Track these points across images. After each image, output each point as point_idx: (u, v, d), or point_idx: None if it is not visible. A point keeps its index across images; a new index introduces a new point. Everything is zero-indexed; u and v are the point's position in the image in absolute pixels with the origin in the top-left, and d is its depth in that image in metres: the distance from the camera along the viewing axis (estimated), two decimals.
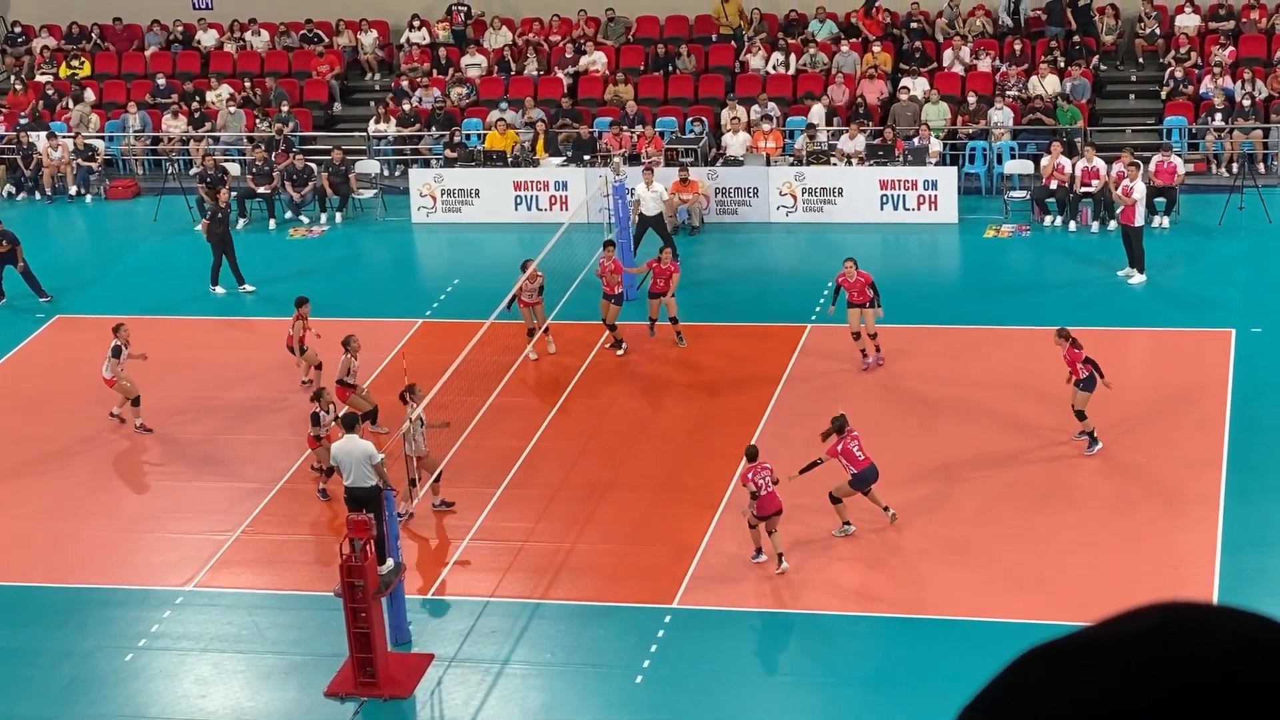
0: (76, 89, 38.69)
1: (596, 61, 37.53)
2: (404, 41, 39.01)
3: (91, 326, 27.91)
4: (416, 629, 19.95)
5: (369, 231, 33.82)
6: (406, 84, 37.29)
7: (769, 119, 34.12)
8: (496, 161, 33.50)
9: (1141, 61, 36.39)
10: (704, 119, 35.02)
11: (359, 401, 23.90)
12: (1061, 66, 35.12)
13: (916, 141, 32.71)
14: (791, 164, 32.86)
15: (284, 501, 23.21)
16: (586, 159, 33.31)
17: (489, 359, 25.32)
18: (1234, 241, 30.49)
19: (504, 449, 24.02)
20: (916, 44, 36.49)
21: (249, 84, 38.09)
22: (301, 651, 19.85)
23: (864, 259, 26.24)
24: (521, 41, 38.52)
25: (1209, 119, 33.67)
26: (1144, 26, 36.40)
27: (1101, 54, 36.46)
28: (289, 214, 34.22)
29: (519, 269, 26.58)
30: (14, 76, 39.83)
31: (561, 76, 37.35)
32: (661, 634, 19.66)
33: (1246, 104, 33.60)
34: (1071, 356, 22.70)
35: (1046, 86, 34.44)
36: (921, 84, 35.23)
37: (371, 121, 36.50)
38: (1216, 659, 1.81)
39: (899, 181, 31.96)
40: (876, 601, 20.26)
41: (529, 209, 33.10)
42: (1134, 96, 35.98)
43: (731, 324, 28.00)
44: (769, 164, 32.94)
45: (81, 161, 36.18)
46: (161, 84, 38.56)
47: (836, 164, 32.69)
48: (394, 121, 36.11)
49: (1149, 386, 24.94)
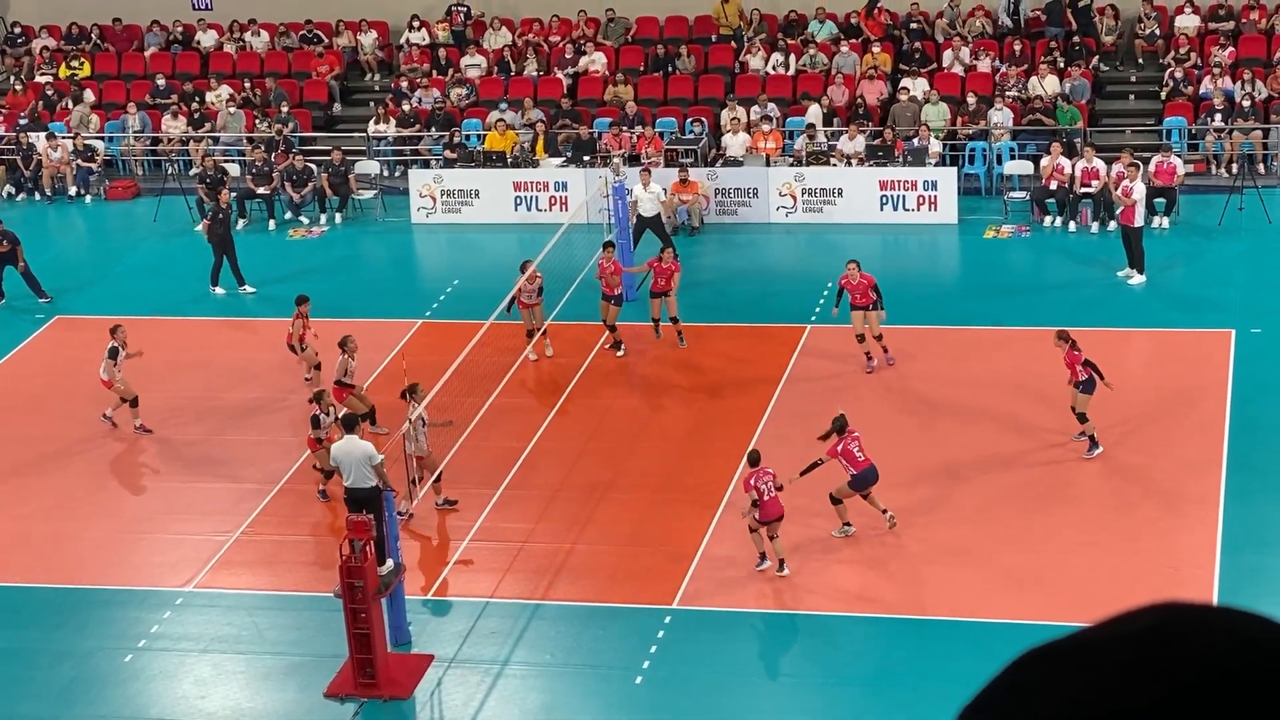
0: (76, 89, 38.68)
1: (596, 62, 37.52)
2: (404, 42, 39.00)
3: (91, 327, 27.89)
4: (416, 630, 19.95)
5: (369, 232, 33.82)
6: (406, 85, 37.28)
7: (769, 119, 34.12)
8: (496, 162, 33.49)
9: (1141, 62, 36.38)
10: (704, 119, 35.01)
11: (355, 402, 23.90)
12: (1061, 67, 35.11)
13: (916, 142, 32.71)
14: (791, 164, 32.86)
15: (284, 502, 23.21)
16: (586, 160, 33.30)
17: (489, 360, 25.32)
18: (1234, 242, 30.48)
19: (504, 449, 24.02)
20: (916, 45, 36.48)
21: (249, 84, 38.08)
22: (301, 652, 19.85)
23: (864, 260, 26.22)
24: (521, 42, 38.51)
25: (1209, 119, 33.66)
26: (1144, 27, 36.39)
27: (1101, 54, 36.45)
28: (289, 215, 34.22)
29: (518, 270, 26.59)
30: (14, 77, 39.83)
31: (561, 77, 37.34)
32: (661, 635, 19.66)
33: (1246, 104, 33.59)
34: (1071, 358, 22.69)
35: (1046, 87, 34.43)
36: (921, 84, 35.22)
37: (371, 122, 36.49)
38: (1216, 659, 1.81)
39: (899, 182, 31.96)
40: (877, 602, 20.25)
41: (529, 210, 33.10)
42: (1134, 97, 35.98)
43: (731, 324, 28.00)
44: (769, 165, 32.93)
45: (81, 162, 36.17)
46: (161, 85, 38.55)
47: (836, 165, 32.68)
48: (394, 122, 36.10)
49: (1149, 387, 24.94)
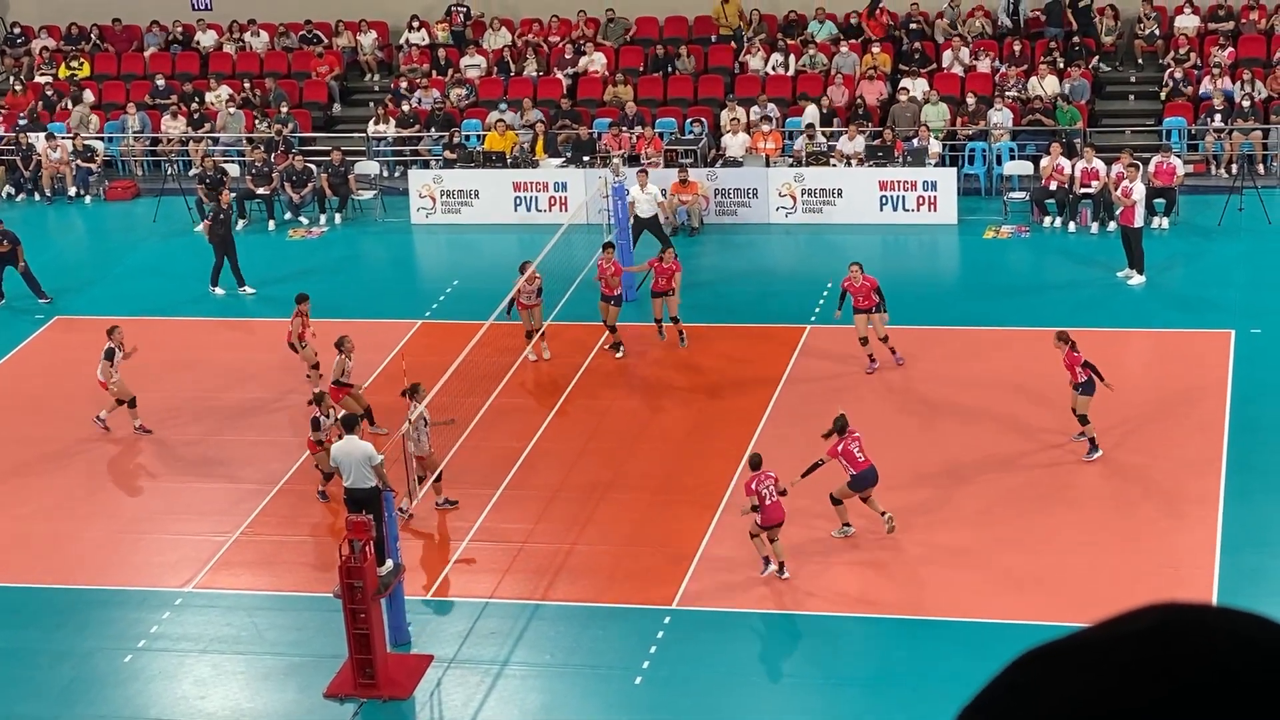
0: (75, 90, 38.67)
1: (596, 62, 37.52)
2: (403, 42, 39.00)
3: (91, 327, 27.86)
4: (416, 630, 19.95)
5: (368, 232, 33.81)
6: (406, 85, 37.28)
7: (768, 120, 34.12)
8: (496, 162, 33.49)
9: (1141, 62, 36.38)
10: (703, 120, 35.00)
11: (350, 402, 23.85)
12: (1061, 67, 35.11)
13: (916, 142, 32.70)
14: (791, 165, 32.86)
15: (283, 503, 23.20)
16: (586, 160, 33.30)
17: (488, 360, 25.31)
18: (1233, 242, 30.48)
19: (503, 450, 24.01)
20: (916, 45, 36.48)
21: (248, 85, 38.08)
22: (301, 653, 19.85)
23: (863, 260, 26.22)
24: (521, 42, 38.51)
25: (1208, 120, 33.66)
26: (1143, 27, 36.39)
27: (1101, 55, 36.45)
28: (288, 215, 34.22)
29: (517, 271, 26.57)
30: (13, 77, 39.82)
31: (561, 77, 37.33)
32: (661, 635, 19.66)
33: (1246, 105, 33.59)
34: (1070, 360, 22.66)
35: (1046, 87, 34.43)
36: (921, 85, 35.22)
37: (371, 122, 36.49)
38: (1216, 659, 1.81)
39: (898, 182, 31.96)
40: (876, 603, 20.25)
41: (528, 210, 33.10)
42: (1133, 97, 35.99)
43: (731, 325, 27.99)
44: (768, 165, 32.93)
45: (81, 162, 36.17)
46: (161, 85, 38.55)
47: (836, 165, 32.68)
48: (393, 122, 36.10)
49: (1148, 387, 24.94)
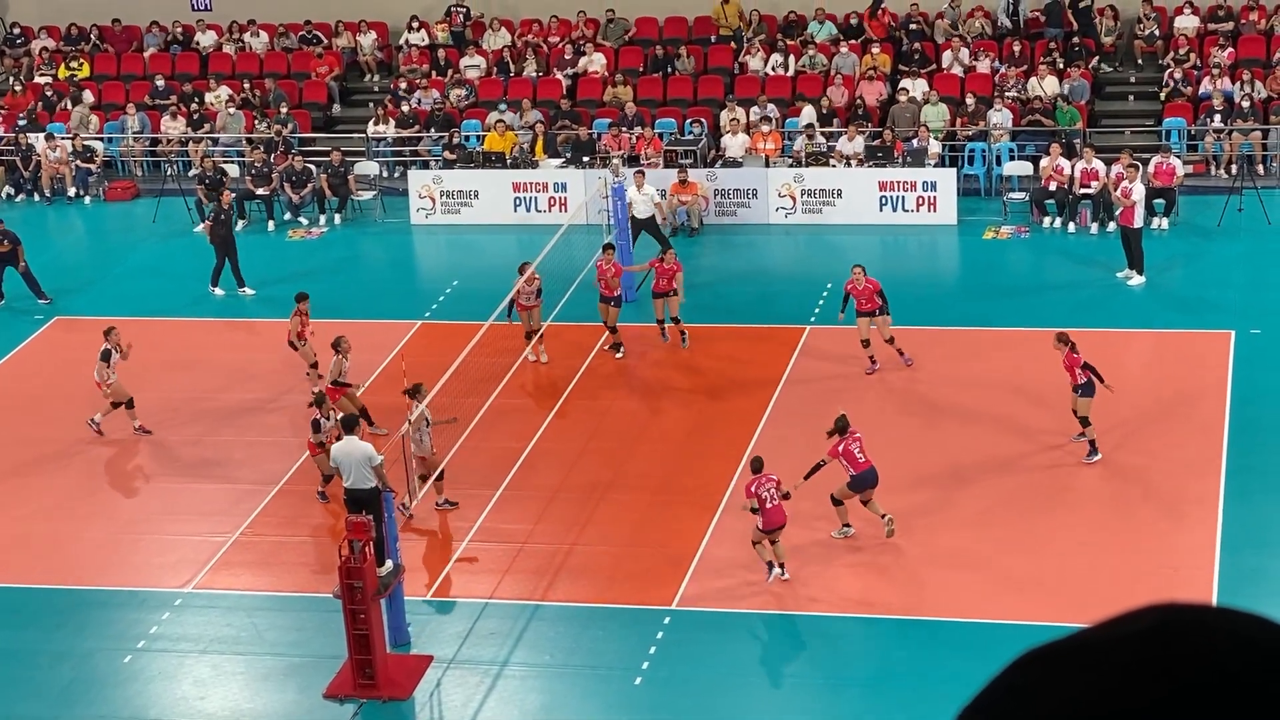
0: (75, 90, 38.66)
1: (595, 63, 37.51)
2: (403, 43, 38.99)
3: (91, 328, 27.84)
4: (415, 630, 19.95)
5: (368, 233, 33.81)
6: (405, 85, 37.28)
7: (768, 120, 34.11)
8: (495, 163, 33.49)
9: (1140, 63, 36.38)
10: (703, 120, 35.00)
11: (345, 403, 23.82)
12: (1060, 68, 35.11)
13: (915, 143, 32.70)
14: (790, 165, 32.86)
15: (283, 503, 23.20)
16: (585, 160, 33.30)
17: (488, 361, 25.30)
18: (1233, 243, 30.48)
19: (503, 450, 24.01)
20: (915, 45, 36.47)
21: (248, 85, 38.08)
22: (300, 653, 19.85)
23: (863, 261, 26.23)
24: (520, 43, 38.50)
25: (1208, 120, 33.66)
26: (1143, 28, 36.39)
27: (1101, 55, 36.45)
28: (288, 215, 34.22)
29: (516, 272, 26.56)
30: (13, 78, 39.82)
31: (560, 78, 37.33)
32: (660, 635, 19.66)
33: (1245, 105, 33.59)
34: (1070, 361, 22.63)
35: (1045, 88, 34.43)
36: (920, 85, 35.21)
37: (370, 123, 36.48)
38: (1216, 660, 1.81)
39: (898, 183, 31.96)
40: (876, 604, 20.24)
41: (528, 210, 33.10)
42: (1133, 98, 35.99)
43: (730, 325, 27.98)
44: (768, 165, 32.93)
45: (80, 163, 36.17)
46: (160, 85, 38.55)
47: (835, 165, 32.68)
48: (393, 123, 36.10)
49: (1148, 388, 24.93)
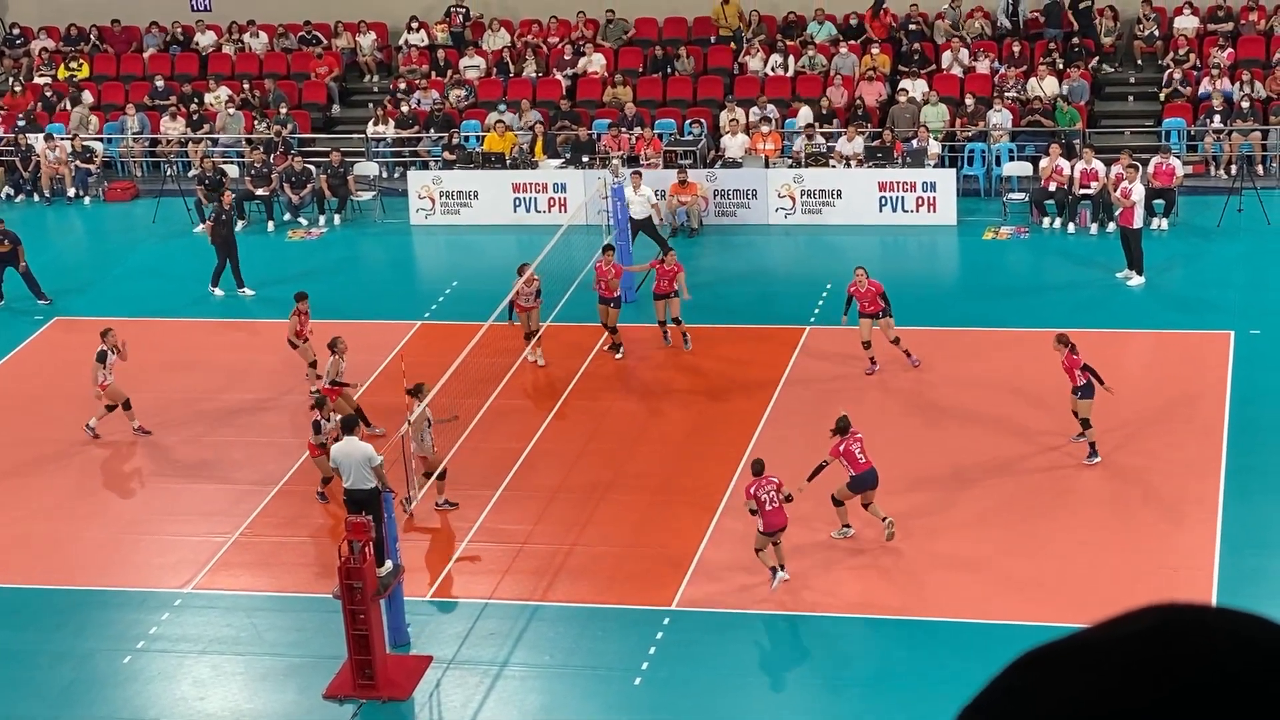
0: (74, 91, 38.66)
1: (595, 63, 37.51)
2: (402, 43, 38.99)
3: (90, 329, 27.79)
4: (415, 631, 19.95)
5: (367, 234, 33.81)
6: (405, 86, 37.28)
7: (767, 121, 34.11)
8: (495, 163, 33.49)
9: (1140, 63, 36.38)
10: (703, 121, 35.00)
11: (341, 403, 23.79)
12: (1060, 68, 35.11)
13: (915, 143, 32.69)
14: (790, 166, 32.86)
15: (283, 503, 23.20)
16: (585, 161, 33.30)
17: (488, 361, 25.29)
18: (1233, 243, 30.48)
19: (503, 451, 24.01)
20: (915, 46, 36.47)
21: (247, 86, 38.07)
22: (300, 654, 19.85)
23: (863, 261, 26.22)
24: (520, 43, 38.50)
25: (1208, 121, 33.67)
26: (1143, 28, 36.39)
27: (1100, 56, 36.45)
28: (287, 216, 34.22)
29: (516, 273, 26.53)
30: (12, 78, 39.81)
31: (560, 78, 37.33)
32: (660, 636, 19.66)
33: (1245, 105, 33.60)
34: (1070, 363, 22.62)
35: (1045, 88, 34.43)
36: (920, 86, 35.21)
37: (370, 123, 36.48)
38: (1216, 660, 1.81)
39: (898, 184, 31.96)
40: (876, 604, 20.24)
41: (528, 211, 33.09)
42: (1133, 98, 35.99)
43: (730, 326, 27.97)
44: (768, 166, 32.92)
45: (80, 163, 36.16)
46: (160, 86, 38.54)
47: (835, 166, 32.68)
48: (392, 123, 36.10)
49: (1148, 388, 24.93)
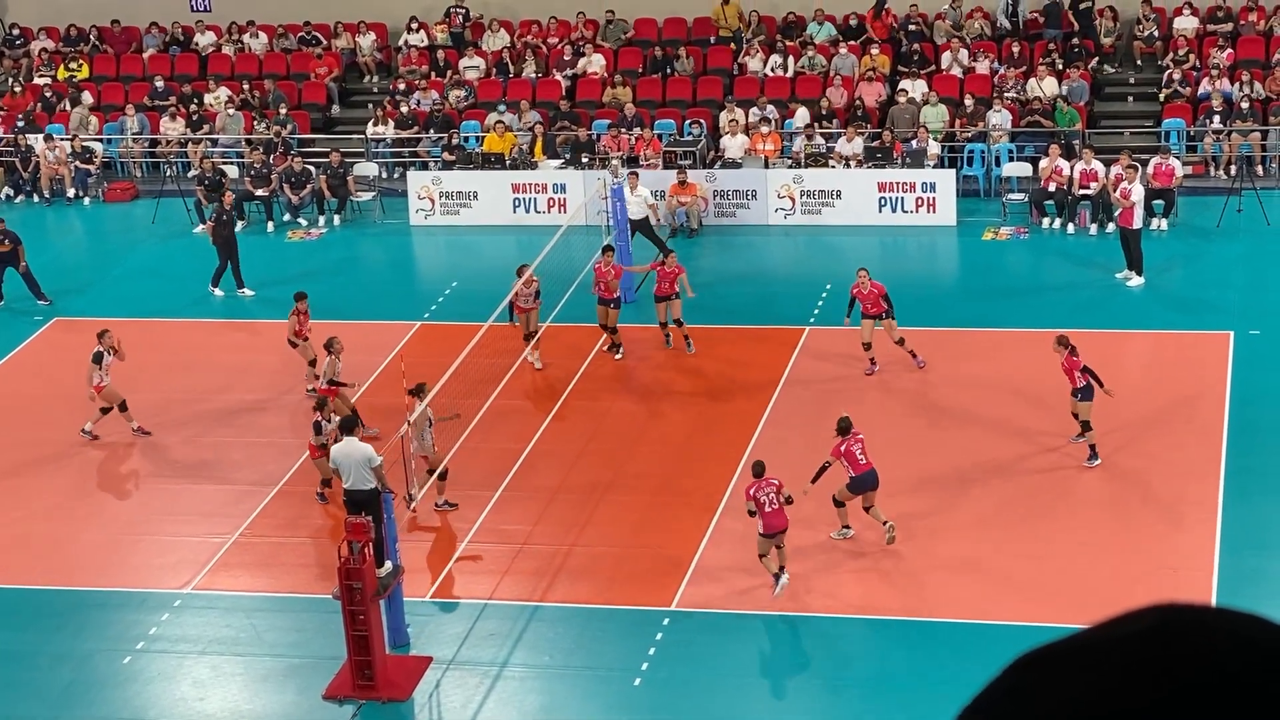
0: (74, 91, 38.66)
1: (595, 64, 37.52)
2: (402, 44, 38.99)
3: (90, 329, 27.74)
4: (415, 631, 19.94)
5: (367, 234, 33.81)
6: (404, 86, 37.29)
7: (767, 121, 34.11)
8: (494, 164, 33.49)
9: (1140, 64, 36.39)
10: (702, 121, 35.01)
11: (338, 403, 23.77)
12: (1060, 69, 35.12)
13: (915, 144, 32.70)
14: (790, 166, 32.86)
15: (282, 504, 23.20)
16: (585, 161, 33.29)
17: (488, 362, 25.29)
18: (1232, 244, 30.48)
19: (502, 451, 24.01)
20: (915, 46, 36.47)
21: (247, 86, 38.08)
22: (300, 654, 19.85)
23: (862, 262, 26.22)
24: (520, 44, 38.51)
25: (1207, 121, 33.67)
26: (1142, 28, 36.40)
27: (1100, 56, 36.45)
28: (287, 216, 34.22)
29: (515, 275, 26.51)
30: (12, 79, 39.81)
31: (560, 79, 37.33)
32: (660, 636, 19.65)
33: (1245, 106, 33.61)
34: (1070, 364, 22.60)
35: (1045, 89, 34.43)
36: (920, 86, 35.21)
37: (370, 124, 36.48)
38: (1216, 660, 1.81)
39: (897, 184, 31.96)
40: (876, 605, 20.23)
41: (527, 211, 33.09)
42: (1132, 99, 36.00)
43: (730, 326, 27.97)
44: (767, 166, 32.92)
45: (79, 164, 36.16)
46: (159, 86, 38.54)
47: (835, 166, 32.68)
48: (392, 124, 36.10)
49: (1147, 389, 24.93)
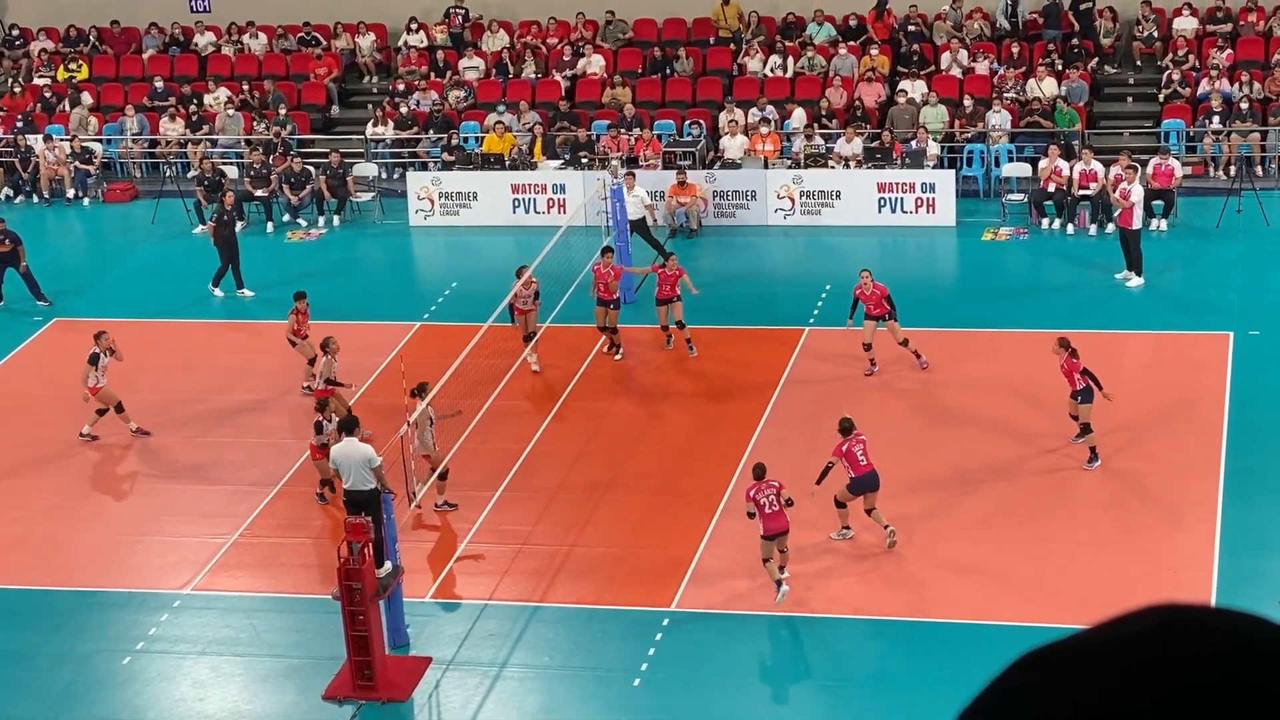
0: (74, 92, 38.66)
1: (594, 64, 37.52)
2: (402, 44, 38.99)
3: (89, 330, 27.79)
4: (414, 632, 19.94)
5: (367, 234, 33.81)
6: (404, 87, 37.29)
7: (767, 122, 34.11)
8: (494, 164, 33.49)
9: (1139, 64, 36.40)
10: (702, 122, 35.01)
11: (335, 404, 23.76)
12: (1059, 69, 35.12)
13: (914, 144, 32.70)
14: (789, 167, 32.86)
15: (282, 504, 23.20)
16: (584, 162, 33.29)
17: (487, 363, 25.29)
18: (1232, 244, 30.48)
19: (502, 451, 24.01)
20: (914, 47, 36.48)
21: (247, 87, 38.08)
22: (299, 654, 19.85)
23: (862, 262, 26.22)
24: (519, 44, 38.51)
25: (1207, 122, 33.68)
26: (1142, 29, 36.40)
27: (1099, 56, 36.45)
28: (286, 217, 34.22)
29: (514, 276, 26.50)
30: (11, 79, 39.82)
31: (559, 79, 37.33)
32: (660, 637, 19.65)
33: (1244, 106, 33.61)
34: (1069, 366, 22.58)
35: (1044, 89, 34.43)
36: (919, 87, 35.21)
37: (369, 124, 36.48)
38: (1216, 660, 1.81)
39: (897, 185, 31.97)
40: (876, 605, 20.24)
41: (527, 212, 33.09)
42: (1132, 99, 36.00)
43: (729, 327, 27.97)
44: (767, 167, 32.93)
45: (79, 164, 36.16)
46: (159, 87, 38.54)
47: (834, 167, 32.68)
48: (391, 124, 36.10)
49: (1147, 390, 24.93)
